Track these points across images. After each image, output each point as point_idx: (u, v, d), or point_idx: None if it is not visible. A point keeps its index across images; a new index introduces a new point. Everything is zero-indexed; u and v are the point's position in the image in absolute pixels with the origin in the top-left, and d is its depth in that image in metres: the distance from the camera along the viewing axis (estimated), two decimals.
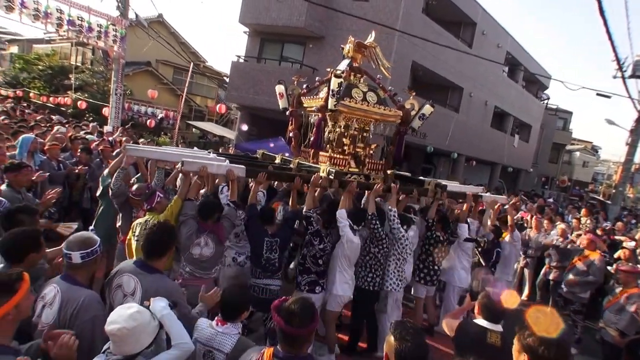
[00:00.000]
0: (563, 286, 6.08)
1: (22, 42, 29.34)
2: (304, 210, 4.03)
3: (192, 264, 3.45)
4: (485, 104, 18.43)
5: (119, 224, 4.18)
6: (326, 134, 5.09)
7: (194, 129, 21.18)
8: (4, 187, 3.97)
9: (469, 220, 5.27)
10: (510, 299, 4.44)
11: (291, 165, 4.83)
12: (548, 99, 26.91)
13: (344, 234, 3.93)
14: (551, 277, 6.74)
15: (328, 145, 5.07)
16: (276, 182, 5.24)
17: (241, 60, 15.01)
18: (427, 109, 5.13)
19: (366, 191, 4.64)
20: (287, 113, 5.58)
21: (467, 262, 5.28)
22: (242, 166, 4.00)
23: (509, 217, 5.77)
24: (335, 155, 4.86)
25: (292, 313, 1.87)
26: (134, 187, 4.03)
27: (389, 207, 4.33)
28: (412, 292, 5.29)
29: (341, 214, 3.96)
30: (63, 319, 2.13)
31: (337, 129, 4.94)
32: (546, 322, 2.22)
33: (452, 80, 16.04)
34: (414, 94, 5.29)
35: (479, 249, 5.45)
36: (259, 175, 3.98)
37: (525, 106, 22.28)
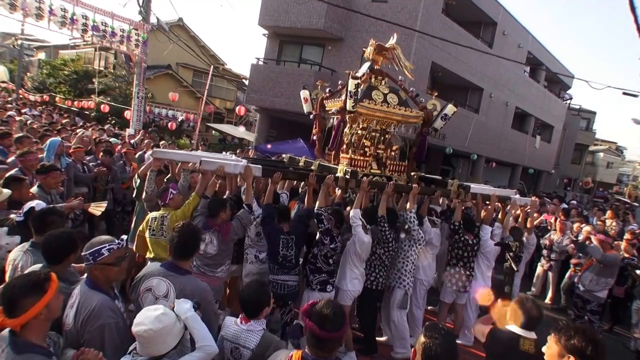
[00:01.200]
0: (579, 285, 5.97)
1: (49, 49, 30.32)
2: (316, 208, 4.09)
3: (198, 259, 3.60)
4: (506, 104, 18.16)
5: None
6: (348, 136, 5.10)
7: (213, 131, 21.46)
8: (35, 188, 4.15)
9: (496, 224, 5.13)
10: (485, 298, 4.58)
11: (312, 167, 4.95)
12: (571, 98, 26.32)
13: (356, 234, 4.02)
14: (576, 279, 6.46)
15: (349, 147, 5.08)
16: (300, 185, 5.36)
17: (260, 63, 15.13)
18: (450, 108, 5.06)
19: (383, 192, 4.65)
20: (311, 117, 5.66)
21: (487, 267, 5.01)
22: (259, 165, 4.12)
23: (529, 219, 5.64)
24: (356, 157, 4.90)
25: (325, 317, 1.85)
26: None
27: (408, 209, 4.37)
28: (440, 296, 5.16)
29: (355, 214, 4.07)
30: (78, 322, 2.13)
31: (358, 131, 4.96)
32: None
33: (472, 81, 15.86)
34: (435, 94, 5.29)
35: (510, 254, 5.30)
36: (274, 175, 4.08)
37: (547, 106, 21.85)
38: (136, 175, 4.61)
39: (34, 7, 9.81)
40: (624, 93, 14.54)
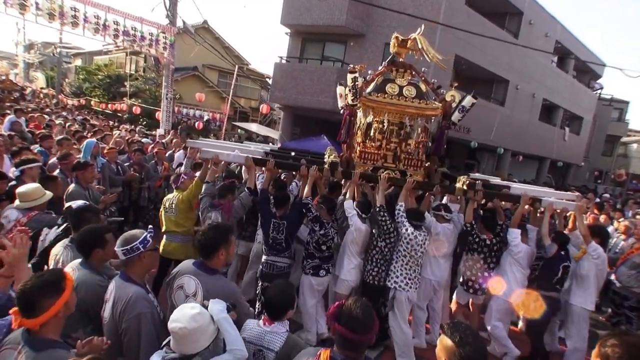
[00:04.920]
0: (615, 281, 5.76)
1: (84, 55, 31.84)
2: (302, 198, 4.25)
3: None
4: (532, 96, 17.76)
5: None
6: (361, 129, 5.04)
7: (239, 130, 21.95)
8: (72, 185, 4.41)
9: (528, 226, 4.62)
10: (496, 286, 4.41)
11: (324, 159, 5.05)
12: (601, 88, 25.42)
13: (352, 223, 4.12)
14: (613, 276, 5.93)
15: (362, 140, 5.01)
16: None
17: (283, 61, 15.37)
18: (468, 100, 4.72)
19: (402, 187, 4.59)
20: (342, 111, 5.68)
21: (521, 273, 4.44)
22: (250, 155, 4.62)
23: (579, 223, 4.47)
24: (368, 150, 4.86)
25: (355, 319, 1.79)
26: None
27: (379, 203, 4.22)
28: (454, 296, 4.96)
29: (348, 205, 4.20)
30: (115, 314, 2.21)
31: (367, 124, 4.87)
32: None
33: (497, 73, 15.61)
34: (455, 84, 4.97)
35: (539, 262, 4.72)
36: (267, 163, 4.48)
37: (576, 97, 21.20)
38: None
39: (70, 15, 10.48)
40: None
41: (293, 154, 5.90)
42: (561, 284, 4.40)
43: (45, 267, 2.77)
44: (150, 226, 2.55)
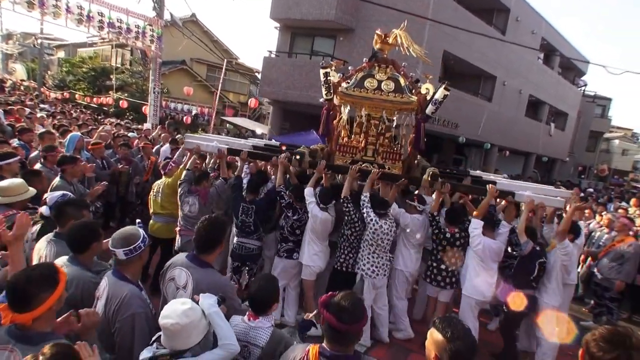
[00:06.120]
0: (597, 273, 5.95)
1: (68, 47, 31.15)
2: (276, 186, 4.47)
3: (183, 219, 4.61)
4: (519, 92, 18.01)
5: None
6: (341, 123, 5.12)
7: (227, 124, 21.81)
8: (57, 179, 4.25)
9: (503, 222, 4.33)
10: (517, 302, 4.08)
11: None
12: (585, 85, 25.93)
13: (310, 210, 4.30)
14: (595, 269, 6.12)
15: (343, 134, 5.08)
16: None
17: (273, 56, 15.30)
18: (440, 92, 4.56)
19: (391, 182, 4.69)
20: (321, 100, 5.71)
21: (482, 268, 4.21)
22: (226, 146, 5.01)
23: (566, 219, 4.18)
24: (348, 143, 4.93)
25: (343, 308, 1.80)
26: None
27: (344, 193, 4.29)
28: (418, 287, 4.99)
29: (308, 192, 4.34)
30: (108, 312, 2.18)
31: (351, 118, 4.97)
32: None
33: (485, 69, 15.78)
34: (430, 77, 4.89)
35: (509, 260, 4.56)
36: (241, 153, 4.84)
37: (562, 94, 21.57)
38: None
39: (51, 4, 10.04)
40: None
41: (284, 147, 5.94)
42: (537, 282, 4.24)
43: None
44: (138, 220, 2.51)
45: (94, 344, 1.75)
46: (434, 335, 1.69)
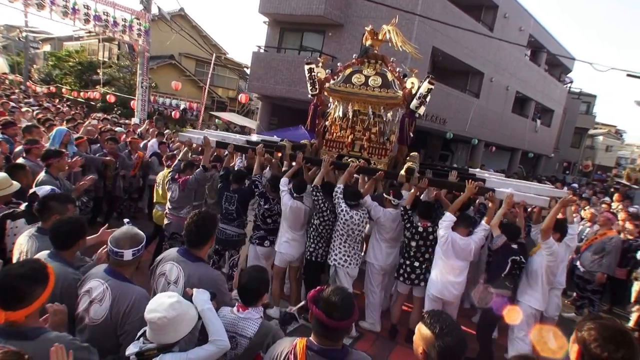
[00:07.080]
0: (580, 266, 6.09)
1: (53, 41, 30.52)
2: (252, 175, 4.72)
3: (169, 203, 4.99)
4: (506, 89, 18.22)
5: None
6: (330, 118, 5.17)
7: (216, 120, 21.69)
8: (42, 174, 4.12)
9: (483, 221, 4.16)
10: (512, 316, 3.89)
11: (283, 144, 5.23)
12: (571, 82, 26.28)
13: (282, 197, 4.43)
14: (578, 263, 6.19)
15: (330, 129, 5.13)
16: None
17: (261, 51, 15.24)
18: (424, 86, 4.49)
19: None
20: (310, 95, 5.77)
21: (445, 263, 4.11)
22: (215, 139, 5.23)
23: (551, 215, 3.89)
24: (334, 138, 5.00)
25: (333, 305, 1.74)
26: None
27: (315, 184, 4.37)
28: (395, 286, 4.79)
29: (283, 182, 4.47)
30: (115, 316, 2.14)
31: (337, 113, 4.99)
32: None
33: (473, 65, 15.91)
34: (416, 71, 4.83)
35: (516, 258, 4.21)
36: (228, 147, 5.11)
37: (548, 90, 21.86)
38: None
39: None
40: (628, 75, 14.53)
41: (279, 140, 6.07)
42: (512, 281, 4.01)
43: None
44: (126, 219, 2.51)
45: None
46: (422, 331, 1.66)
